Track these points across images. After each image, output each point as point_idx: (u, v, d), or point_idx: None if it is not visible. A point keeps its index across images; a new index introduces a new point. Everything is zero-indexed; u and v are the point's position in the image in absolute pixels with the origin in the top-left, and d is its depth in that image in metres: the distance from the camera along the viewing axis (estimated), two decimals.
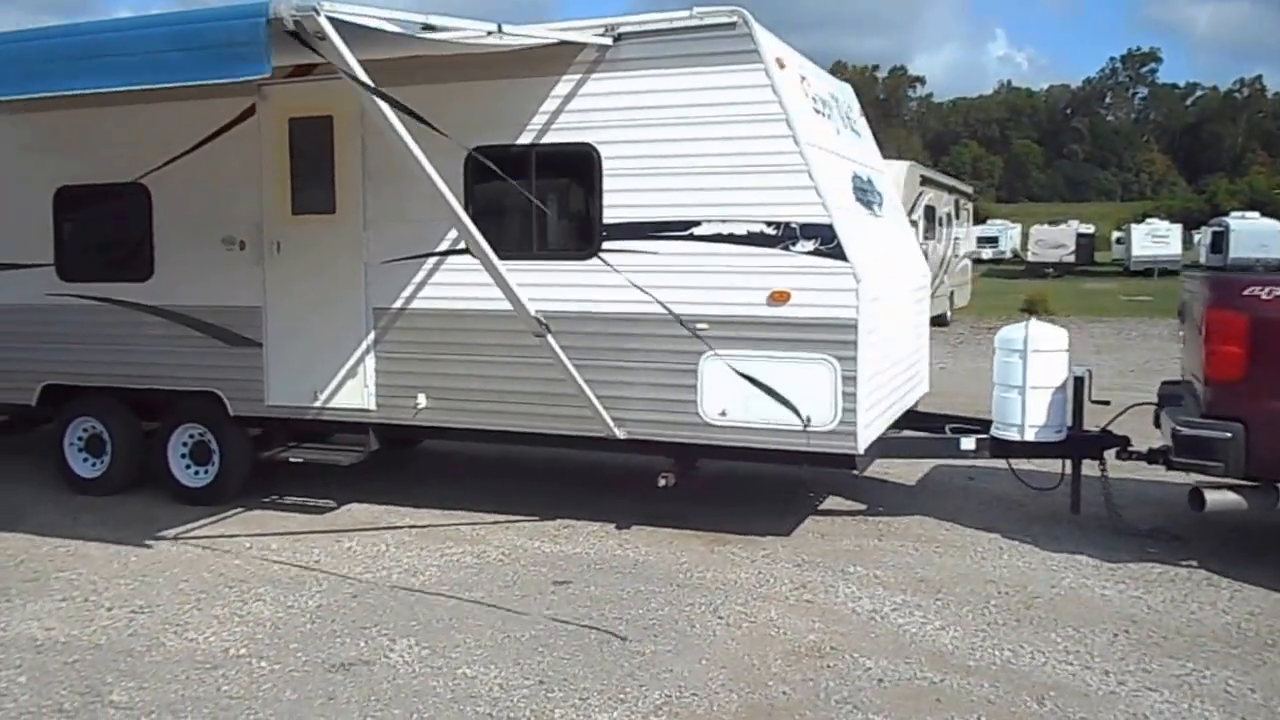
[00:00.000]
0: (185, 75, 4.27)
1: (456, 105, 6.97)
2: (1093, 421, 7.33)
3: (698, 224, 6.53)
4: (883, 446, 7.15)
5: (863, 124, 8.39)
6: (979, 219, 65.59)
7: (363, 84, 4.84)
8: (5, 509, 7.82)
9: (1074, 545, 6.83)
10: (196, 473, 8.00)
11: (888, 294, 7.01)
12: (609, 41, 6.57)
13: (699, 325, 6.56)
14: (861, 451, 6.41)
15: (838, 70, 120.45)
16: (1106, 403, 7.33)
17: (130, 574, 6.34)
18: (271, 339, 7.58)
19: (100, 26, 4.58)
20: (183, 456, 8.03)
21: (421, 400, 7.21)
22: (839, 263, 6.27)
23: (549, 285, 6.84)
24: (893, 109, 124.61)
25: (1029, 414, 7.00)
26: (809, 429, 6.41)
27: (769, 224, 6.39)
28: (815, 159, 6.36)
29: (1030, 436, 7.03)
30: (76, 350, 8.13)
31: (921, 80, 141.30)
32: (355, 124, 7.22)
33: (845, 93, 8.24)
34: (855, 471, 6.69)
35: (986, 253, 54.67)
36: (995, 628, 5.45)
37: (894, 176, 19.12)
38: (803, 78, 6.88)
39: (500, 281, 5.82)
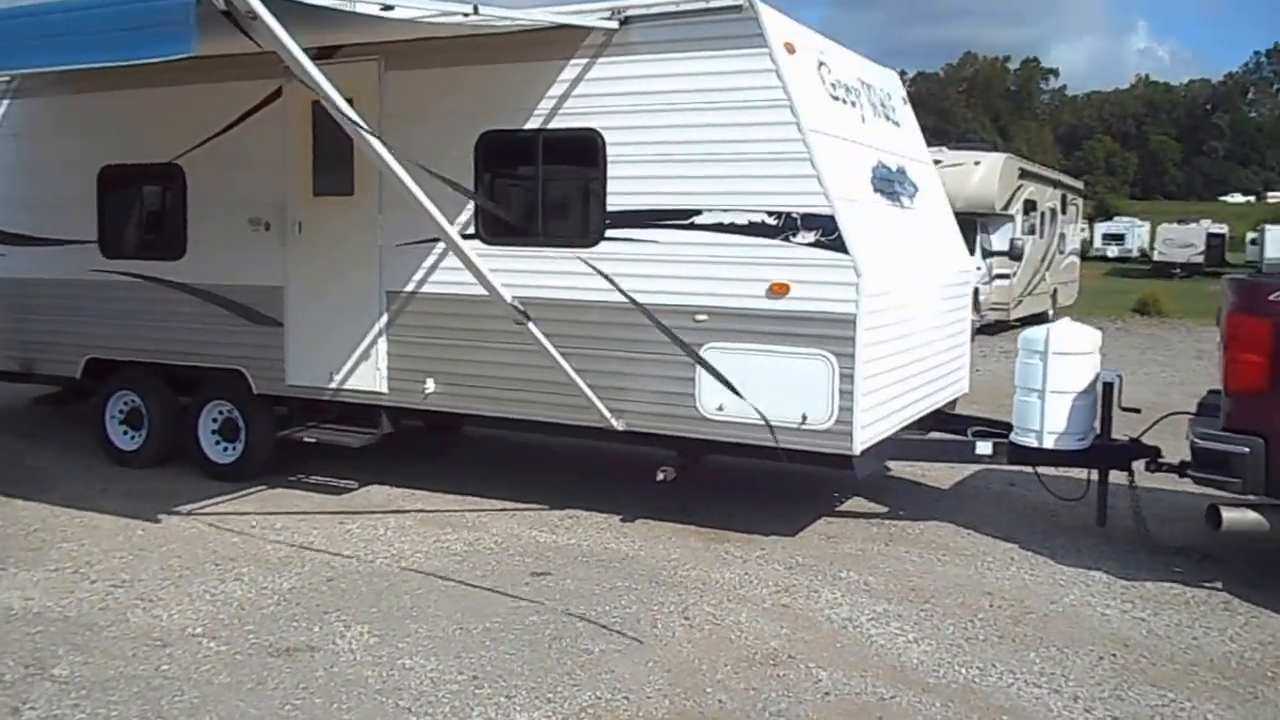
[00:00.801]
0: (120, 54, 4.30)
1: (469, 88, 6.93)
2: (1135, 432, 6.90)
3: (699, 213, 6.34)
4: (894, 448, 6.85)
5: (904, 113, 8.05)
6: (1106, 215, 63.23)
7: (300, 67, 4.77)
8: (43, 478, 8.10)
9: (1093, 560, 6.44)
10: (225, 449, 8.16)
11: (904, 289, 6.71)
12: (615, 25, 6.42)
13: (698, 317, 6.38)
14: (857, 453, 6.13)
15: (966, 62, 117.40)
16: (1137, 410, 6.88)
17: (129, 547, 6.48)
18: (291, 319, 7.67)
19: (52, 7, 4.65)
20: (213, 433, 8.20)
21: (430, 385, 7.20)
22: (839, 255, 6.01)
23: (553, 272, 6.76)
24: (1024, 101, 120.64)
25: (1048, 419, 6.61)
26: (804, 427, 6.17)
27: (770, 214, 6.16)
28: (821, 147, 6.10)
29: (1049, 443, 6.63)
30: (117, 325, 8.37)
31: (1055, 72, 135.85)
32: (374, 106, 7.22)
33: (886, 80, 7.92)
34: (855, 474, 6.40)
35: (1112, 250, 52.59)
36: (973, 643, 5.15)
37: (987, 169, 18.53)
38: (820, 63, 6.61)
39: (471, 266, 5.74)
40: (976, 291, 18.29)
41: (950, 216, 8.37)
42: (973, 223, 18.45)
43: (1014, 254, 18.90)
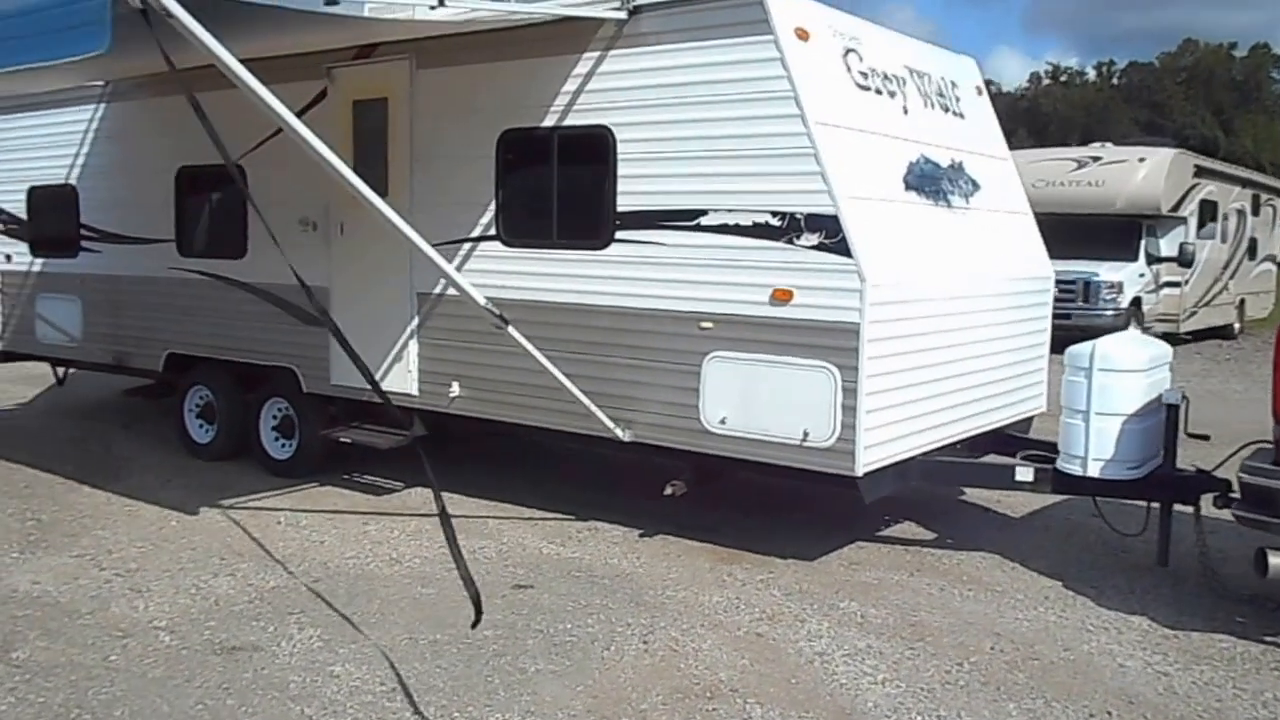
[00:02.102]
0: (42, 55, 4.38)
1: (491, 86, 6.84)
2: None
3: (704, 213, 6.03)
4: (921, 471, 6.31)
5: (973, 103, 7.43)
6: None
7: (226, 66, 4.72)
8: (121, 467, 8.49)
9: (1141, 603, 5.76)
10: (283, 445, 8.35)
11: (933, 296, 6.18)
12: (624, 15, 6.17)
13: (703, 324, 6.06)
14: (860, 474, 5.68)
15: (1186, 50, 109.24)
16: (1205, 437, 6.12)
17: (155, 538, 6.68)
18: (336, 318, 7.75)
19: None
20: (273, 429, 8.41)
21: (455, 388, 7.15)
22: (843, 259, 5.58)
23: (567, 275, 6.59)
24: (1251, 93, 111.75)
25: (1094, 445, 5.95)
26: (805, 444, 5.77)
27: (774, 214, 5.79)
28: (830, 142, 5.68)
29: (1094, 471, 5.96)
30: (190, 322, 8.70)
31: None
32: (405, 106, 7.24)
33: (953, 68, 7.33)
34: (863, 498, 5.92)
35: None
36: (949, 689, 4.66)
37: (1153, 167, 17.14)
38: (848, 50, 6.17)
39: (439, 267, 5.61)
40: (1139, 301, 17.01)
41: (1027, 217, 7.69)
42: (1136, 225, 17.16)
43: (1184, 260, 17.43)
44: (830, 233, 5.59)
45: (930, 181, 6.52)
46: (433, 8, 5.44)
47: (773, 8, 5.69)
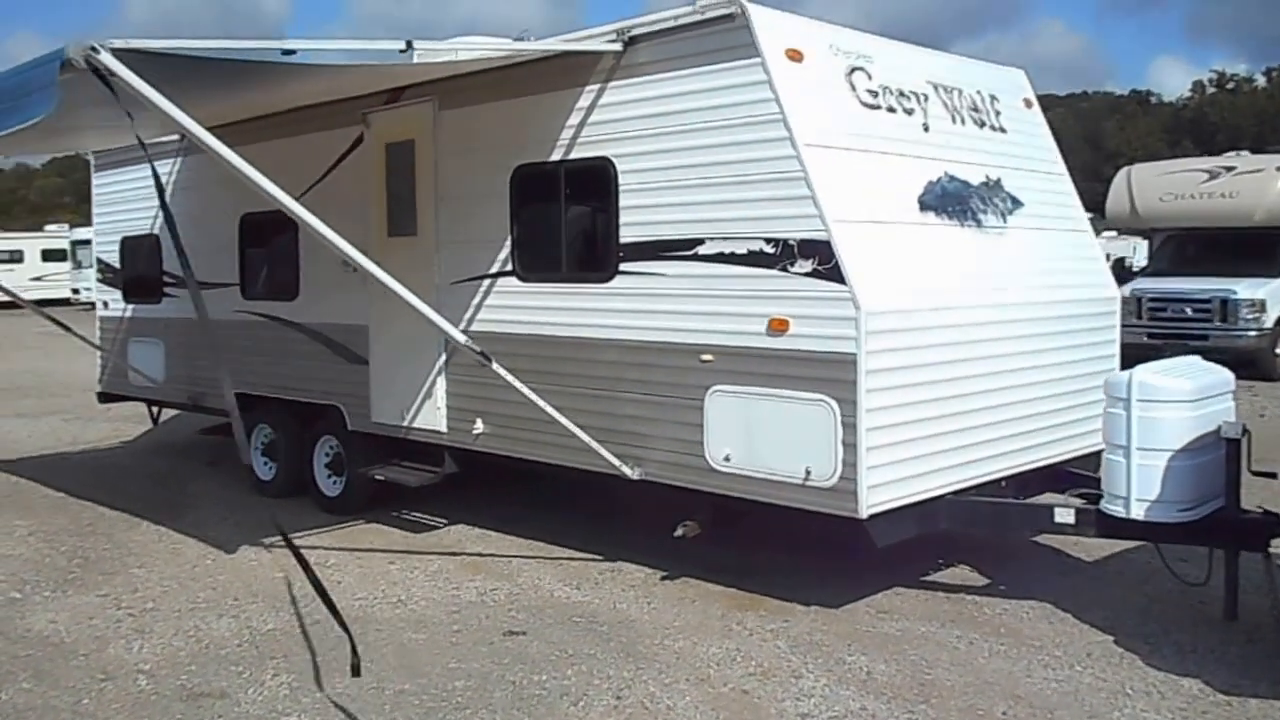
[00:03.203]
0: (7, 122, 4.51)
1: (504, 123, 6.78)
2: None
3: (701, 242, 5.77)
4: (950, 513, 5.83)
5: (1018, 117, 6.92)
6: None
7: (170, 119, 4.74)
8: (187, 504, 8.73)
9: (1198, 664, 5.14)
10: (334, 482, 8.43)
11: (951, 323, 5.72)
12: (619, 47, 6.00)
13: (704, 356, 5.78)
14: (864, 515, 5.27)
15: None
16: (1273, 475, 5.45)
17: (182, 577, 6.78)
18: (374, 358, 7.80)
19: None
20: (325, 466, 8.50)
21: (479, 425, 7.05)
22: (836, 286, 5.22)
23: (575, 309, 6.43)
24: None
25: (1137, 484, 5.36)
26: (808, 483, 5.40)
27: (768, 241, 5.48)
28: (823, 164, 5.35)
29: (1139, 514, 5.37)
30: (253, 362, 8.91)
31: None
32: (430, 146, 7.24)
33: (992, 81, 6.85)
34: (875, 542, 5.49)
35: None
36: None
37: (1268, 176, 15.71)
38: (853, 69, 5.81)
39: (408, 301, 5.52)
40: None
41: (1083, 234, 7.10)
42: (1276, 238, 15.85)
43: None
44: (823, 259, 5.24)
45: (955, 201, 6.07)
46: (401, 50, 5.37)
47: (759, 30, 5.41)
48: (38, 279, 36.23)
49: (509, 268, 6.79)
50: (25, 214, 64.40)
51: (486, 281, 6.96)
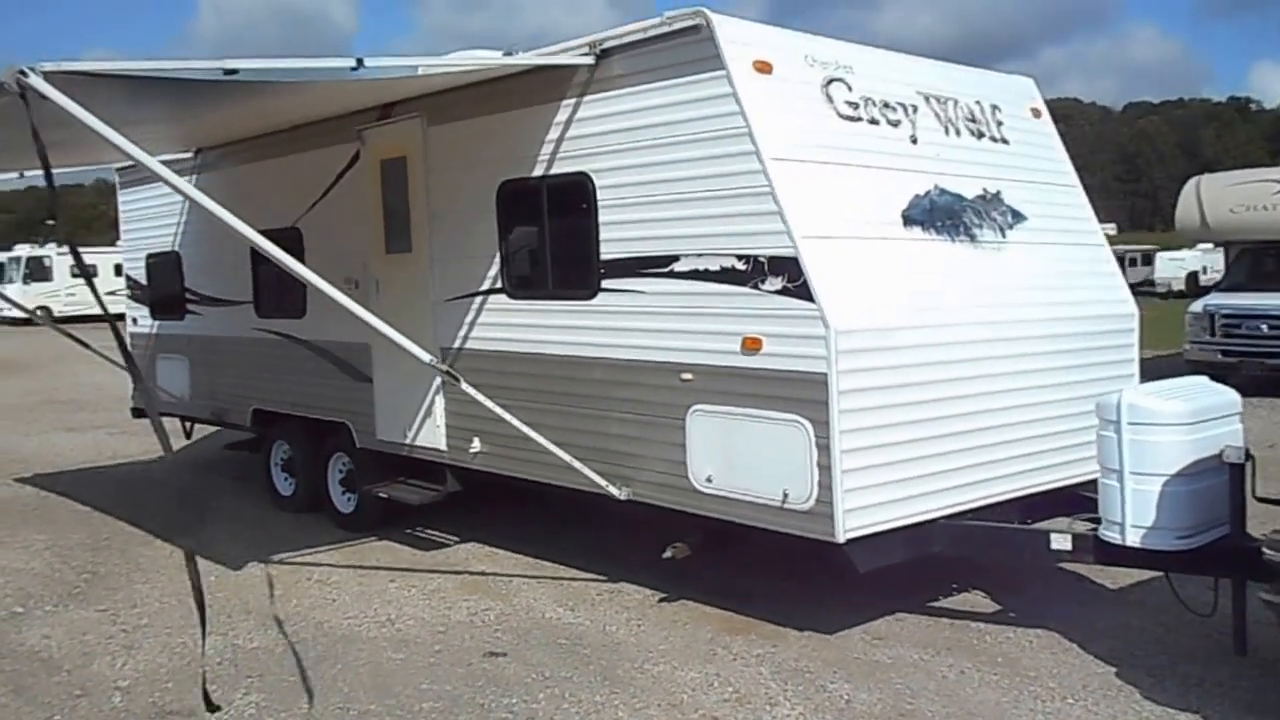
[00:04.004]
0: None
1: (489, 138, 6.77)
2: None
3: (677, 259, 5.68)
4: (944, 537, 5.65)
5: (1022, 127, 6.70)
6: None
7: (108, 142, 4.75)
8: (202, 517, 8.83)
9: (1201, 699, 4.91)
10: (348, 499, 8.47)
11: (936, 341, 5.55)
12: (591, 60, 5.95)
13: (684, 375, 5.69)
14: (841, 540, 5.13)
15: None
16: (1278, 502, 5.19)
17: (183, 593, 6.75)
18: (378, 376, 7.83)
19: None
20: (340, 483, 8.55)
21: (476, 443, 7.02)
22: (805, 304, 5.11)
23: (560, 327, 6.39)
24: None
25: (1131, 510, 5.14)
26: (785, 506, 5.28)
27: (739, 258, 5.38)
28: (791, 178, 5.23)
29: (1135, 540, 5.15)
30: (270, 378, 9.00)
31: None
32: (421, 162, 7.25)
33: (996, 90, 6.66)
34: (856, 567, 5.34)
35: None
36: None
37: None
38: (830, 80, 5.68)
39: (369, 322, 5.51)
40: None
41: (1097, 248, 6.87)
42: None
43: None
44: (792, 276, 5.13)
45: (945, 215, 5.90)
46: (353, 69, 5.37)
47: (724, 42, 5.32)
48: (110, 294, 37.10)
49: (499, 285, 6.78)
50: (105, 229, 66.28)
51: (478, 299, 6.94)
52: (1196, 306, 15.54)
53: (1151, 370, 6.82)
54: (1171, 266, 40.64)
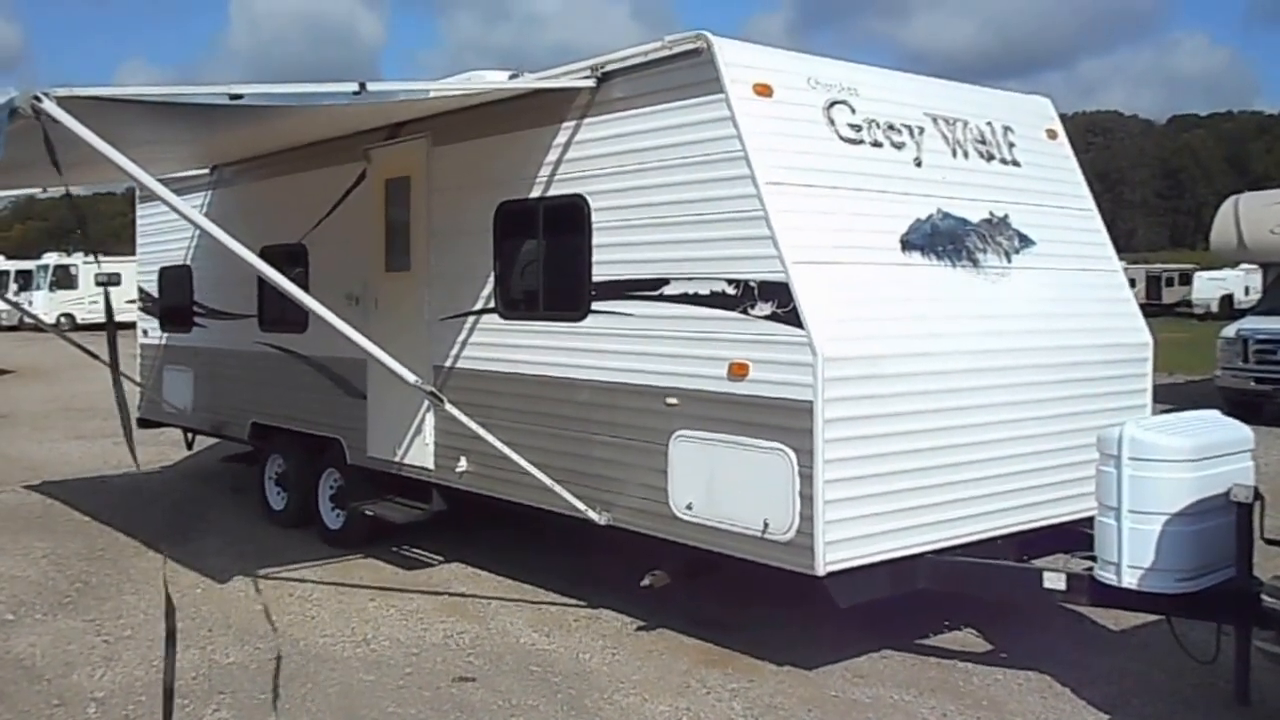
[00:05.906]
0: None
1: (490, 159, 6.74)
2: None
3: (667, 282, 5.60)
4: (931, 573, 5.49)
5: (1032, 149, 6.55)
6: None
7: (114, 165, 4.76)
8: (199, 531, 8.79)
9: None
10: (337, 515, 8.41)
11: (929, 370, 5.42)
12: (592, 83, 5.89)
13: (669, 399, 5.59)
14: (821, 573, 4.99)
15: None
16: None
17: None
18: (371, 392, 7.77)
19: None
20: (330, 498, 8.48)
21: (463, 463, 6.94)
22: (793, 330, 5.00)
23: (550, 348, 6.32)
24: None
25: (1129, 550, 4.97)
26: (765, 536, 5.16)
27: (730, 282, 5.29)
28: (784, 203, 5.14)
29: (1131, 582, 4.97)
30: (268, 392, 8.97)
31: None
32: (424, 182, 7.22)
33: (1003, 111, 6.51)
34: (837, 602, 5.19)
35: None
36: None
37: None
38: (833, 102, 5.58)
39: (355, 340, 5.44)
40: None
41: (1111, 274, 6.70)
42: None
43: None
44: (782, 302, 5.02)
45: (948, 239, 5.78)
46: (355, 93, 5.34)
47: (724, 66, 5.24)
48: (133, 301, 37.53)
49: (492, 305, 6.72)
50: (134, 238, 67.06)
51: (471, 318, 6.89)
52: (1229, 331, 14.86)
53: (1180, 396, 6.64)
54: (1210, 287, 39.61)
